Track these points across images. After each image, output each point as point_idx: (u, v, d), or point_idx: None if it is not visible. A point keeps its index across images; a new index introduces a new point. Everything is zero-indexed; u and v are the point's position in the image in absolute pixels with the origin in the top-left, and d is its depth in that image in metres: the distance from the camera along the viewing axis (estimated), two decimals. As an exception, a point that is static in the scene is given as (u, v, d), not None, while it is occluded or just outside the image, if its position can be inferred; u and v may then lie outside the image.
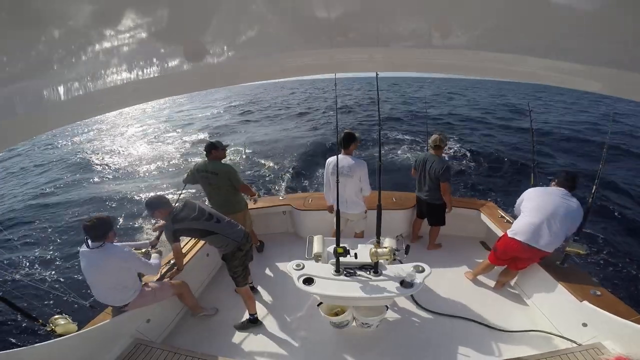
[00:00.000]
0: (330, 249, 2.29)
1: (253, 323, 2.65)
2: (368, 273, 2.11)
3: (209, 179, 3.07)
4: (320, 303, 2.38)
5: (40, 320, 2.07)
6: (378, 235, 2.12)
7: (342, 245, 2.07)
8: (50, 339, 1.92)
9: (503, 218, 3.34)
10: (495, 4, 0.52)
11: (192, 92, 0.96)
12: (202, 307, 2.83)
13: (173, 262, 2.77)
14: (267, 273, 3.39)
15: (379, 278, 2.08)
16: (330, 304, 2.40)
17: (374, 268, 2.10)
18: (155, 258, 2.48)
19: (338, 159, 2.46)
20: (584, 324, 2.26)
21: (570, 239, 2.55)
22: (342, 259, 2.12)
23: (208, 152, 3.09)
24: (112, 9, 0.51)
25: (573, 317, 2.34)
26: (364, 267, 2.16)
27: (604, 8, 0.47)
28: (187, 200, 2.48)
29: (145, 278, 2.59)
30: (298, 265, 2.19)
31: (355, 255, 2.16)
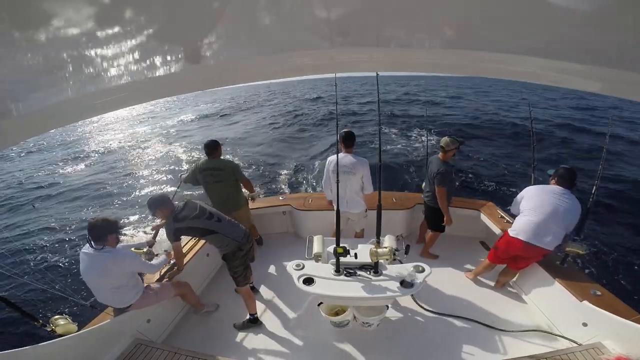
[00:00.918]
0: (330, 249, 2.29)
1: (253, 323, 2.65)
2: (368, 273, 2.11)
3: (214, 176, 3.11)
4: (321, 303, 2.38)
5: (41, 321, 2.06)
6: (378, 235, 2.12)
7: (342, 245, 2.07)
8: (51, 340, 1.92)
9: (503, 218, 3.35)
10: (496, 4, 0.52)
11: (191, 92, 0.96)
12: (203, 304, 2.87)
13: (173, 262, 2.78)
14: (267, 273, 3.40)
15: (379, 278, 2.07)
16: (331, 304, 2.40)
17: (374, 268, 2.10)
18: (158, 259, 2.49)
19: (339, 158, 2.46)
20: (584, 324, 2.26)
21: (570, 239, 2.55)
22: (342, 259, 2.11)
23: (211, 150, 3.13)
24: (110, 10, 0.51)
25: (573, 316, 2.34)
26: (364, 267, 2.16)
27: (604, 8, 0.47)
28: (187, 200, 2.49)
29: (147, 279, 2.60)
30: (298, 265, 2.19)
31: (355, 255, 2.16)
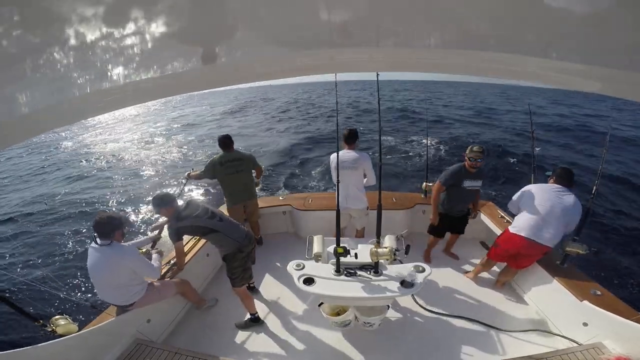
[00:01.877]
0: (331, 249, 2.29)
1: (255, 322, 2.66)
2: (368, 273, 2.11)
3: (236, 167, 3.33)
4: (322, 303, 2.38)
5: (41, 321, 2.06)
6: (378, 235, 2.12)
7: (342, 245, 2.07)
8: (51, 340, 1.92)
9: (503, 218, 3.35)
10: (496, 4, 0.52)
11: (191, 92, 0.96)
12: (205, 299, 2.94)
13: (173, 262, 2.79)
14: (267, 273, 3.40)
15: (380, 278, 2.07)
16: (332, 304, 2.40)
17: (375, 268, 2.10)
18: (156, 260, 2.48)
19: (339, 155, 2.48)
20: (585, 324, 2.26)
21: (570, 239, 2.55)
22: (342, 259, 2.11)
23: (228, 144, 3.33)
24: (111, 10, 0.51)
25: (573, 316, 2.34)
26: (365, 267, 2.16)
27: (604, 8, 0.47)
28: (190, 200, 2.52)
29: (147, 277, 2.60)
30: (298, 265, 2.19)
31: (356, 255, 2.16)
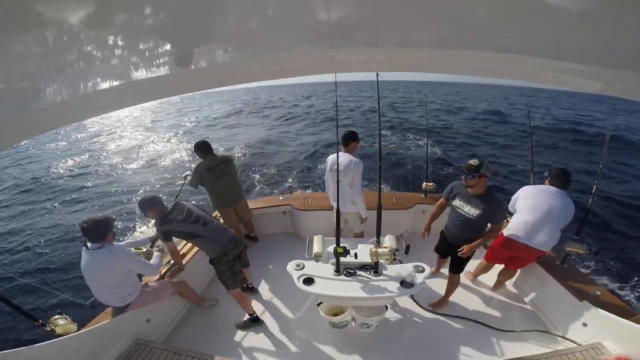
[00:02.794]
0: (330, 249, 2.29)
1: (254, 322, 2.66)
2: (368, 273, 2.11)
3: (224, 171, 3.32)
4: (320, 302, 2.38)
5: (40, 321, 2.05)
6: (378, 235, 2.12)
7: (342, 245, 2.07)
8: (50, 340, 1.91)
9: None
10: (496, 4, 0.52)
11: (191, 92, 0.96)
12: (205, 298, 2.94)
13: (173, 262, 2.78)
14: (267, 273, 3.40)
15: (379, 278, 2.07)
16: (330, 304, 2.40)
17: (374, 268, 2.10)
18: (156, 257, 2.48)
19: (338, 156, 2.46)
20: (584, 324, 2.26)
21: (570, 239, 2.55)
22: (342, 259, 2.11)
23: (209, 149, 3.32)
24: (111, 10, 0.51)
25: (573, 317, 2.34)
26: (364, 267, 2.16)
27: (604, 8, 0.47)
28: (177, 202, 2.47)
29: (146, 278, 2.59)
30: (298, 265, 2.19)
31: (356, 255, 2.16)
